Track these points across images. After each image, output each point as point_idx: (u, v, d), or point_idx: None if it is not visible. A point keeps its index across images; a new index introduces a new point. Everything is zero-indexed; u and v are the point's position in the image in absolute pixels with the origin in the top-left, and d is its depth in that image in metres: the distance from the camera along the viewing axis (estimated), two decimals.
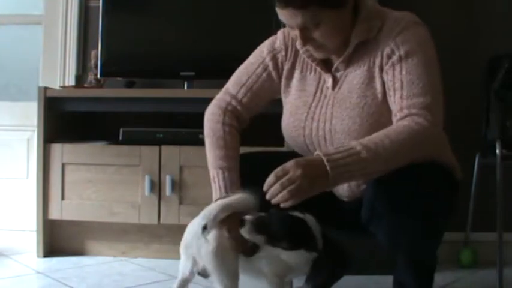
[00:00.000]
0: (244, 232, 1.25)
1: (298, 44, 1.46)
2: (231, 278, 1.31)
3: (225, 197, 1.37)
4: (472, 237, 2.42)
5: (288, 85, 1.53)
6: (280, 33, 1.56)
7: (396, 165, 1.24)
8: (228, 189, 1.43)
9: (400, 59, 1.33)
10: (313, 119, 1.45)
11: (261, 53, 1.57)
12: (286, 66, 1.53)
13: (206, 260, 1.30)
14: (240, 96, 1.56)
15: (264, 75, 1.55)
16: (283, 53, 1.53)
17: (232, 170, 1.46)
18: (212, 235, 1.30)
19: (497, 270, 2.02)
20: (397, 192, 1.26)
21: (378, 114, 1.36)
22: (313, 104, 1.46)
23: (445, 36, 2.51)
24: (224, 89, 1.61)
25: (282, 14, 1.34)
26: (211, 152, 1.51)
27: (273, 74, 1.55)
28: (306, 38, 1.35)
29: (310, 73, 1.49)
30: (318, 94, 1.46)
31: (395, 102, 1.32)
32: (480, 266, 2.34)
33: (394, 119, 1.32)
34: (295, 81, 1.51)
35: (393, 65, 1.34)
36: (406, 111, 1.29)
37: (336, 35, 1.36)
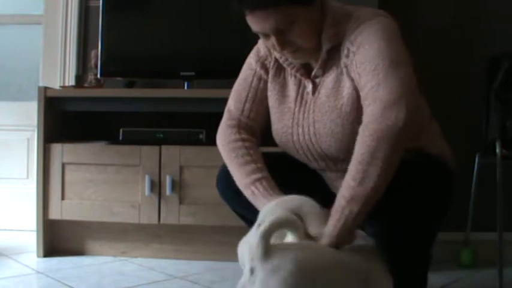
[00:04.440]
0: None
1: (276, 54, 1.45)
2: None
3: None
4: (472, 237, 2.42)
5: (272, 89, 1.52)
6: (261, 41, 1.55)
7: (389, 169, 1.20)
8: (272, 195, 1.36)
9: (354, 54, 1.33)
10: (298, 125, 1.45)
11: (250, 65, 1.56)
12: (271, 71, 1.52)
13: None
14: (246, 112, 1.54)
15: (261, 85, 1.54)
16: (269, 59, 1.53)
17: (267, 178, 1.41)
18: None
19: (497, 270, 2.02)
20: (391, 189, 1.26)
21: (356, 111, 1.35)
22: (296, 110, 1.46)
23: (445, 36, 2.52)
24: (227, 110, 1.58)
25: (253, 20, 1.32)
26: (240, 170, 1.44)
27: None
28: (283, 42, 1.33)
29: (291, 77, 1.49)
30: (299, 99, 1.46)
31: (362, 96, 1.31)
32: (480, 266, 2.34)
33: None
34: (278, 86, 1.51)
35: (351, 62, 1.34)
36: (366, 103, 1.27)
37: (311, 33, 1.36)
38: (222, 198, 1.60)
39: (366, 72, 1.28)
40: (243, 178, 1.43)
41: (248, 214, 1.56)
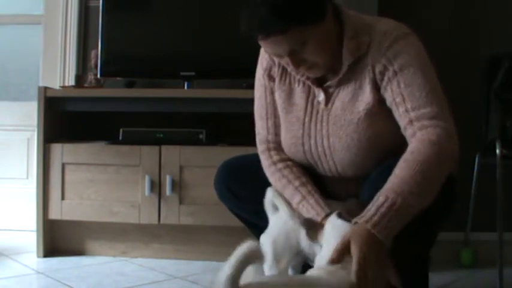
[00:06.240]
0: None
1: (290, 70, 1.43)
2: None
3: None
4: (472, 237, 2.43)
5: (279, 97, 1.50)
6: (262, 51, 1.53)
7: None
8: (318, 214, 1.35)
9: (395, 73, 1.31)
10: (310, 136, 1.43)
11: (259, 81, 1.54)
12: (277, 79, 1.50)
13: None
14: (271, 130, 1.53)
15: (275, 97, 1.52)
16: (274, 68, 1.51)
17: (306, 197, 1.40)
18: None
19: (497, 270, 2.02)
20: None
21: (374, 126, 1.35)
22: (307, 120, 1.44)
23: (445, 36, 2.52)
24: (256, 133, 1.57)
25: (266, 45, 1.31)
26: (285, 193, 1.45)
27: None
28: (297, 62, 1.32)
29: (298, 85, 1.47)
30: (309, 108, 1.44)
31: (401, 116, 1.31)
32: (480, 266, 2.34)
33: (406, 133, 1.31)
34: (284, 94, 1.49)
35: (389, 80, 1.32)
36: (417, 124, 1.28)
37: (325, 49, 1.34)
38: (219, 198, 1.60)
39: (415, 97, 1.29)
40: (291, 201, 1.43)
41: (244, 214, 1.56)
